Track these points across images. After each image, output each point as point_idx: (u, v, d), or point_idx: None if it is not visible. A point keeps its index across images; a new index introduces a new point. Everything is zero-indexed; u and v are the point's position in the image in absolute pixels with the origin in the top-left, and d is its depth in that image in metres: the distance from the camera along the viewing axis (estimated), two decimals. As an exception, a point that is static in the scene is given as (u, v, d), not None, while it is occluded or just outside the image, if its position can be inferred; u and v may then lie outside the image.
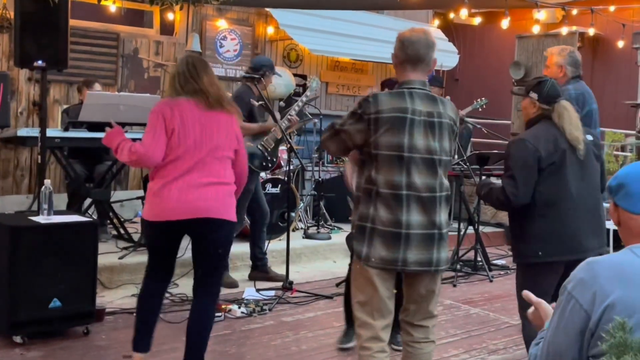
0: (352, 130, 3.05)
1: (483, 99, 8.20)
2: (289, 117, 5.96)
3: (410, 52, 3.08)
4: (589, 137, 3.68)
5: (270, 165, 5.87)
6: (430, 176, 3.04)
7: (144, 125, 6.09)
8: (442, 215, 3.09)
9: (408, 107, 3.01)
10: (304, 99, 6.18)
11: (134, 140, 6.06)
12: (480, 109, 8.29)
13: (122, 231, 6.19)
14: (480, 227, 7.26)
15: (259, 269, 6.00)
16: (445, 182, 3.12)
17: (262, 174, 6.75)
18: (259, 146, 5.74)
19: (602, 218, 3.73)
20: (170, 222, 3.57)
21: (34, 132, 5.42)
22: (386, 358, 3.11)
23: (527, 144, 3.57)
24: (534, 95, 3.69)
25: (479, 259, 6.90)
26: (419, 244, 3.02)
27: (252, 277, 5.95)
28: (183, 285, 5.40)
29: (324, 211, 7.90)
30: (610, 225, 6.90)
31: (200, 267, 3.73)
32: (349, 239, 3.27)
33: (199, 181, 3.55)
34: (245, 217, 6.60)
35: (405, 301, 3.24)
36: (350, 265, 4.25)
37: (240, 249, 6.38)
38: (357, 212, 3.12)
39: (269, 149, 5.81)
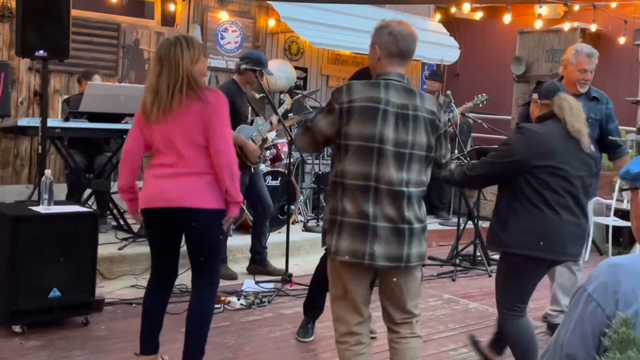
0: (322, 124, 3.01)
1: (484, 94, 8.19)
2: (270, 121, 5.96)
3: (403, 46, 3.02)
4: (592, 147, 3.69)
5: (257, 160, 5.82)
6: (399, 170, 2.94)
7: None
8: (414, 211, 2.99)
9: (382, 97, 2.94)
10: (281, 109, 6.10)
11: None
12: (481, 105, 8.29)
13: (121, 222, 6.19)
14: (480, 222, 7.26)
15: (258, 263, 6.00)
16: (418, 178, 3.01)
17: (262, 167, 6.76)
18: (248, 140, 5.72)
19: (586, 227, 3.73)
20: (149, 209, 3.55)
21: (35, 121, 5.42)
22: (364, 349, 3.11)
23: (525, 136, 3.59)
24: (535, 95, 3.77)
25: (478, 253, 6.92)
26: (387, 239, 2.94)
27: (251, 271, 5.96)
28: (182, 276, 5.40)
29: (324, 204, 7.91)
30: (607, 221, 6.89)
31: (191, 258, 3.67)
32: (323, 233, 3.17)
33: (170, 171, 3.48)
34: (246, 210, 6.61)
35: (382, 301, 3.19)
36: (321, 258, 4.28)
37: (239, 242, 6.39)
38: (328, 206, 3.09)
39: (257, 145, 5.77)
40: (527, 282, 3.66)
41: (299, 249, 6.70)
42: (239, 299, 5.14)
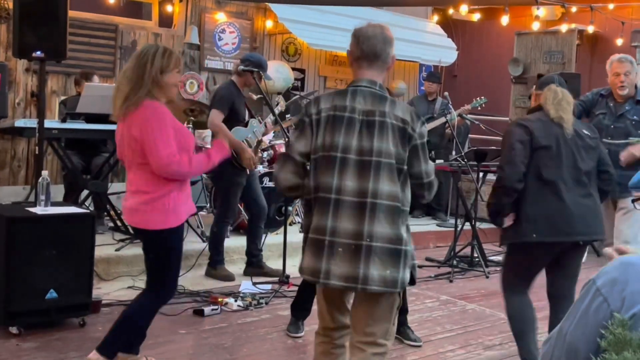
0: (299, 144, 2.88)
1: (482, 97, 8.19)
2: (265, 123, 5.95)
3: (366, 48, 2.88)
4: (585, 132, 3.77)
5: (252, 165, 5.79)
6: (362, 180, 2.76)
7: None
8: (380, 226, 2.75)
9: (347, 106, 2.82)
10: (276, 110, 6.10)
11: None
12: (479, 108, 8.30)
13: (118, 223, 6.18)
14: (477, 223, 7.26)
15: (254, 265, 5.99)
16: (389, 189, 2.77)
17: (260, 168, 6.75)
18: (243, 142, 5.70)
19: (596, 206, 3.77)
20: None
21: (32, 122, 5.41)
22: (334, 349, 3.05)
23: (517, 126, 3.71)
24: (533, 87, 3.89)
25: (475, 255, 6.92)
26: (343, 256, 2.74)
27: (247, 273, 5.95)
28: (180, 278, 5.40)
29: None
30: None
31: None
32: None
33: (128, 188, 3.65)
34: (243, 211, 6.61)
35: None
36: None
37: (237, 243, 6.38)
38: (303, 223, 3.02)
39: (252, 147, 5.76)
40: (534, 268, 3.79)
41: (297, 250, 6.60)
42: (236, 300, 5.14)
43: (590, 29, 9.22)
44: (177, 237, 3.65)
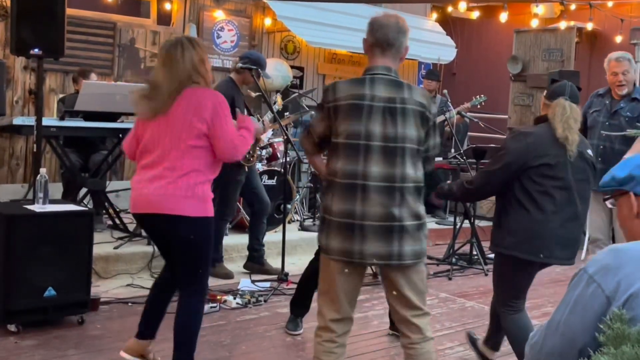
0: (317, 125, 3.06)
1: (482, 96, 8.19)
2: (263, 121, 5.94)
3: (379, 36, 3.02)
4: (590, 152, 3.66)
5: (250, 159, 5.78)
6: (388, 165, 2.92)
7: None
8: (407, 207, 2.95)
9: (366, 94, 2.94)
10: (274, 108, 6.08)
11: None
12: (479, 106, 8.29)
13: (117, 221, 6.18)
14: (476, 221, 7.26)
15: (255, 261, 5.98)
16: (413, 172, 2.97)
17: (259, 165, 6.75)
18: None
19: (580, 230, 3.71)
20: (136, 214, 3.55)
21: (30, 120, 5.40)
22: (336, 348, 3.09)
23: (515, 141, 3.59)
24: (544, 92, 3.73)
25: (474, 252, 6.91)
26: (376, 236, 2.92)
27: (247, 268, 5.94)
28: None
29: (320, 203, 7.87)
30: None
31: (176, 265, 3.56)
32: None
33: (153, 174, 3.38)
34: (242, 209, 6.60)
35: (388, 300, 3.19)
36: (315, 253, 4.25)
37: (236, 241, 6.38)
38: (322, 204, 3.12)
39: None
40: (518, 281, 3.67)
41: (295, 248, 6.70)
42: (235, 298, 5.13)
43: (589, 26, 9.22)
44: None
